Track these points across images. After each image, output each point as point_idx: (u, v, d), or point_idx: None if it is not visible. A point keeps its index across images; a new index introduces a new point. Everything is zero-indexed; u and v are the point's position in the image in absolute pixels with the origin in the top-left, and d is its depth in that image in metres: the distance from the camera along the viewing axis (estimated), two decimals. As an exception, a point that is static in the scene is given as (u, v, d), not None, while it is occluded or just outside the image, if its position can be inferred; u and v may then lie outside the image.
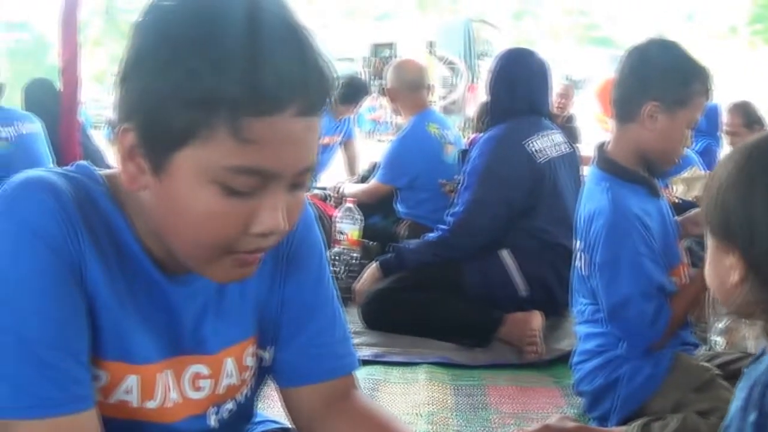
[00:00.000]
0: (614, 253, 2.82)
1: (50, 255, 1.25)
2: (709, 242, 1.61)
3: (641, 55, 2.91)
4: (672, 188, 4.32)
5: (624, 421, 2.82)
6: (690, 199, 4.63)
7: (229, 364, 1.57)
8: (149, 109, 1.20)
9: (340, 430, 1.65)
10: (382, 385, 3.64)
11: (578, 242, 3.05)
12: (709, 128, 7.09)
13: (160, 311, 1.44)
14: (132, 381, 1.42)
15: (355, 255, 5.20)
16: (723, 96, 7.35)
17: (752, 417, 1.48)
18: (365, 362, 3.87)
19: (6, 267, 1.24)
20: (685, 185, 4.60)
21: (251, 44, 1.16)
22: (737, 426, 1.53)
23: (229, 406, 1.61)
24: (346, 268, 5.12)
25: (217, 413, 1.59)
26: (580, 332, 3.15)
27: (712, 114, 6.86)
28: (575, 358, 3.15)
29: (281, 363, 1.67)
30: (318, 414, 1.66)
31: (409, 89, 5.86)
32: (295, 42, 1.21)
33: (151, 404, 1.45)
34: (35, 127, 6.12)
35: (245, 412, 1.69)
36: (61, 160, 6.08)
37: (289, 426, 1.85)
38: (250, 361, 1.62)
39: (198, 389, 1.54)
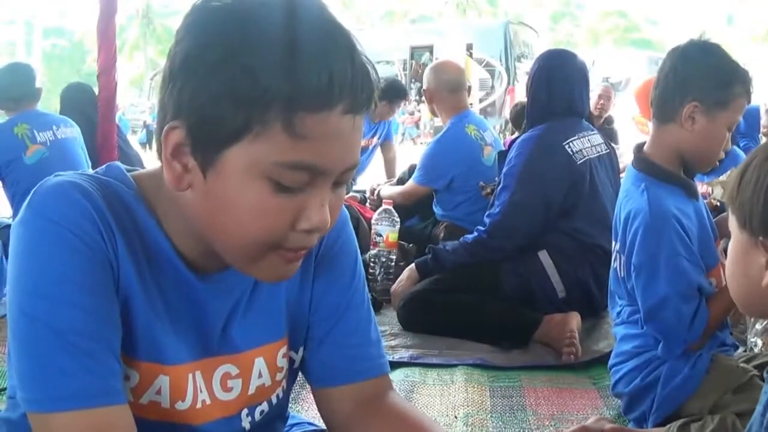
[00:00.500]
0: (652, 253, 2.80)
1: (87, 251, 1.27)
2: (738, 239, 1.59)
3: (682, 55, 2.89)
4: (710, 190, 4.29)
5: (661, 423, 2.79)
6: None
7: (260, 364, 1.58)
8: (201, 107, 1.22)
9: (373, 430, 1.64)
10: (419, 386, 3.63)
11: (616, 243, 3.04)
12: (748, 129, 7.06)
13: (191, 311, 1.46)
14: (162, 381, 1.43)
15: (392, 257, 5.21)
16: (762, 97, 7.31)
17: None
18: (402, 364, 3.90)
19: (44, 261, 1.25)
20: (723, 188, 4.57)
21: (302, 43, 1.19)
22: (758, 426, 1.53)
23: (263, 407, 1.62)
24: (384, 270, 5.13)
25: (249, 415, 1.59)
26: (617, 334, 3.14)
27: (752, 115, 6.82)
28: (613, 360, 3.13)
29: (312, 364, 1.67)
30: (350, 415, 1.65)
31: (448, 90, 5.84)
32: (342, 42, 1.23)
33: (181, 405, 1.47)
34: (72, 131, 6.15)
35: (279, 413, 1.70)
36: (98, 165, 6.11)
37: (324, 428, 1.86)
38: (282, 362, 1.63)
39: (228, 390, 1.54)
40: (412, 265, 4.71)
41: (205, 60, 1.20)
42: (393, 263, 5.16)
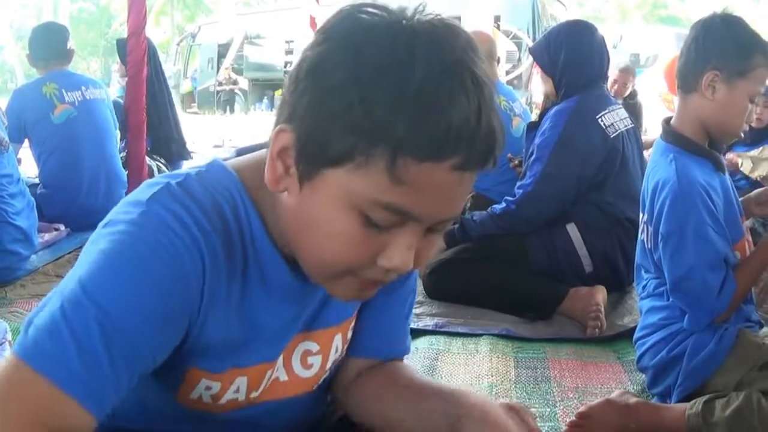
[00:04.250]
0: (679, 223, 2.81)
1: (172, 286, 1.25)
2: None
3: (704, 26, 2.93)
4: (740, 162, 4.28)
5: (686, 399, 2.80)
6: (755, 177, 4.59)
7: (338, 340, 1.61)
8: (314, 122, 1.20)
9: (369, 389, 1.67)
10: (443, 354, 3.64)
11: (643, 214, 3.05)
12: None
13: (288, 307, 1.47)
14: (241, 381, 1.46)
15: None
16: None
17: None
18: (427, 332, 3.92)
19: (131, 273, 1.21)
20: (752, 163, 4.56)
21: (433, 87, 1.14)
22: None
23: (326, 375, 1.66)
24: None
25: (318, 385, 1.64)
26: (643, 307, 3.15)
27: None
28: (638, 333, 3.14)
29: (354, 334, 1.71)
30: (354, 379, 1.70)
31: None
32: (475, 95, 1.17)
33: (255, 394, 1.50)
34: (101, 92, 6.23)
35: (331, 377, 1.72)
36: (126, 125, 6.16)
37: None
38: (350, 334, 1.66)
39: (308, 367, 1.57)
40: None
41: (331, 77, 1.18)
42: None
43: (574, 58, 4.57)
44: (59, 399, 1.13)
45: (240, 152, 1.52)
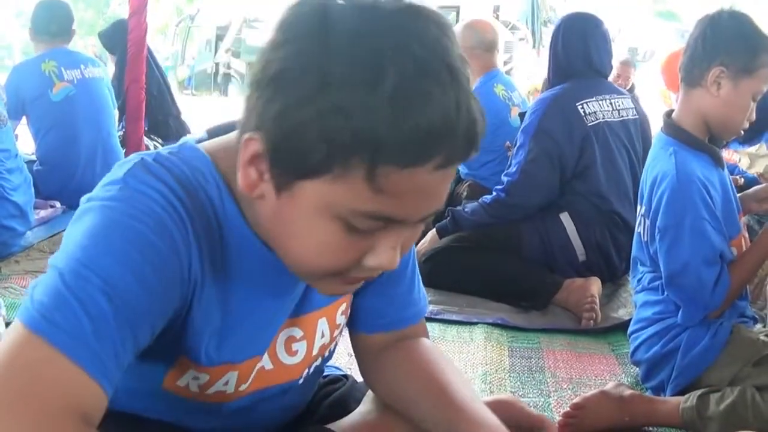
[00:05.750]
0: (677, 218, 2.83)
1: (161, 259, 1.21)
2: None
3: (712, 22, 2.93)
4: (738, 159, 4.30)
5: (680, 393, 2.82)
6: (752, 174, 4.61)
7: (322, 324, 1.59)
8: (286, 131, 1.13)
9: (388, 374, 1.64)
10: (438, 342, 3.65)
11: (641, 207, 3.07)
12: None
13: (272, 295, 1.44)
14: (231, 376, 1.45)
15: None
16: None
17: None
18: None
19: (115, 248, 1.17)
20: (750, 159, 4.58)
21: (410, 89, 1.08)
22: None
23: (317, 363, 1.64)
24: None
25: (307, 372, 1.62)
26: (638, 301, 3.16)
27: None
28: (632, 327, 3.16)
29: (357, 310, 1.68)
30: (379, 354, 1.66)
31: (484, 49, 5.75)
32: (452, 87, 1.11)
33: (243, 387, 1.49)
34: (99, 71, 6.22)
35: (324, 364, 1.71)
36: (124, 103, 6.17)
37: (348, 373, 1.93)
38: (340, 319, 1.64)
39: (293, 353, 1.55)
40: (434, 229, 4.69)
41: (300, 84, 1.11)
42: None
43: (564, 48, 4.62)
44: (81, 378, 1.08)
45: (211, 133, 1.46)
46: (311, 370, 1.63)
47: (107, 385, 1.10)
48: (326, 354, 1.67)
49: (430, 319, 3.90)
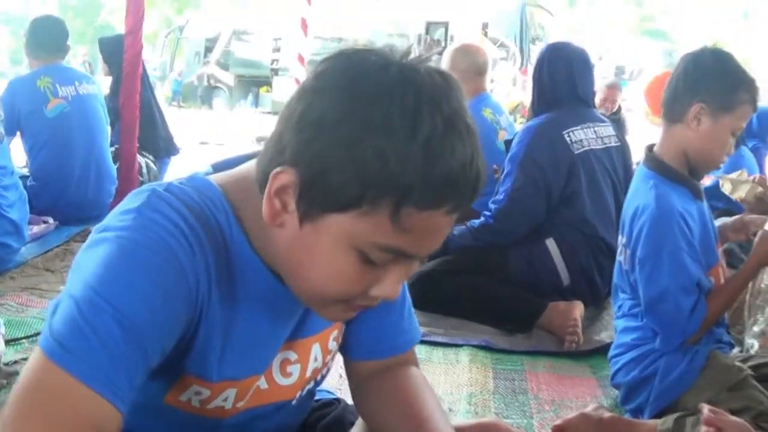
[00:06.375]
0: (656, 247, 2.91)
1: (181, 281, 1.30)
2: None
3: (694, 59, 3.01)
4: (720, 183, 4.37)
5: (658, 415, 2.89)
6: (735, 199, 4.68)
7: (316, 349, 1.66)
8: (321, 170, 1.23)
9: (372, 401, 1.72)
10: (424, 364, 3.65)
11: (622, 237, 3.14)
12: (760, 131, 7.07)
13: (274, 318, 1.53)
14: (231, 392, 1.52)
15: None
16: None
17: None
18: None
19: (136, 273, 1.25)
20: (731, 185, 4.66)
21: (440, 142, 1.20)
22: None
23: (310, 386, 1.72)
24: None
25: (300, 394, 1.69)
26: (618, 326, 3.24)
27: (766, 117, 6.82)
28: (612, 351, 3.24)
29: (350, 339, 1.76)
30: (367, 380, 1.75)
31: (476, 73, 5.82)
32: (469, 143, 1.23)
33: (240, 404, 1.55)
34: (93, 88, 6.26)
35: (316, 387, 1.78)
36: (121, 118, 6.25)
37: (340, 397, 2.01)
38: (332, 345, 1.71)
39: (287, 375, 1.62)
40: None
41: (342, 131, 1.21)
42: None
43: (550, 76, 4.68)
44: (96, 400, 1.17)
45: (216, 167, 1.55)
46: (304, 392, 1.69)
47: (121, 405, 1.19)
48: (318, 378, 1.73)
49: (416, 341, 3.97)
